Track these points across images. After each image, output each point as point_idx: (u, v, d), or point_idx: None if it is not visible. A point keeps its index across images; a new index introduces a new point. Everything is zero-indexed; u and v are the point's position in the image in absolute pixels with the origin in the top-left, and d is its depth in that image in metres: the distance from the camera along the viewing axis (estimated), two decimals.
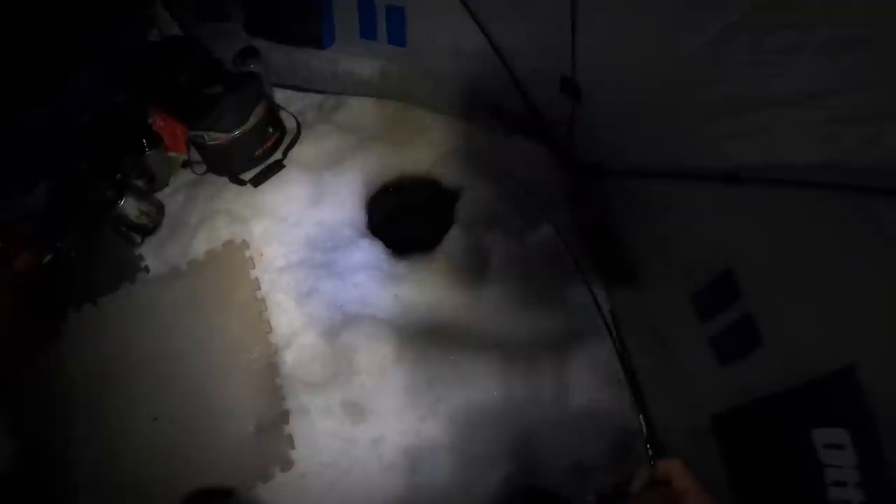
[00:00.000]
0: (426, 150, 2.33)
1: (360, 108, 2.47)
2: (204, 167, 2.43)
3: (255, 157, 2.34)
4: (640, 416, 0.85)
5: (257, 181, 2.31)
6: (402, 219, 2.33)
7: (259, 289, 2.09)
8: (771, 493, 1.12)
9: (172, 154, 2.48)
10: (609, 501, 0.76)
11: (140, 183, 2.32)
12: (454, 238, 2.11)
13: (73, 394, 2.01)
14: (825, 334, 0.98)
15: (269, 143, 2.36)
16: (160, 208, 2.37)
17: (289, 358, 1.94)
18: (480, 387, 1.81)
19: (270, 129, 2.37)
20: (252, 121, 2.26)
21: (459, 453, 1.74)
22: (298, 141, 2.43)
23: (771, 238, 1.11)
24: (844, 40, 0.80)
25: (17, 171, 2.24)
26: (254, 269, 2.13)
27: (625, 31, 1.29)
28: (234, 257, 2.16)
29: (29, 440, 1.96)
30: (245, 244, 2.17)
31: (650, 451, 0.75)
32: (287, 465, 1.79)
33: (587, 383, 1.73)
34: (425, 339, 1.91)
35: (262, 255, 2.15)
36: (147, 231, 2.31)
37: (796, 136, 0.97)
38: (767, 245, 1.12)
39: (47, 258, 2.23)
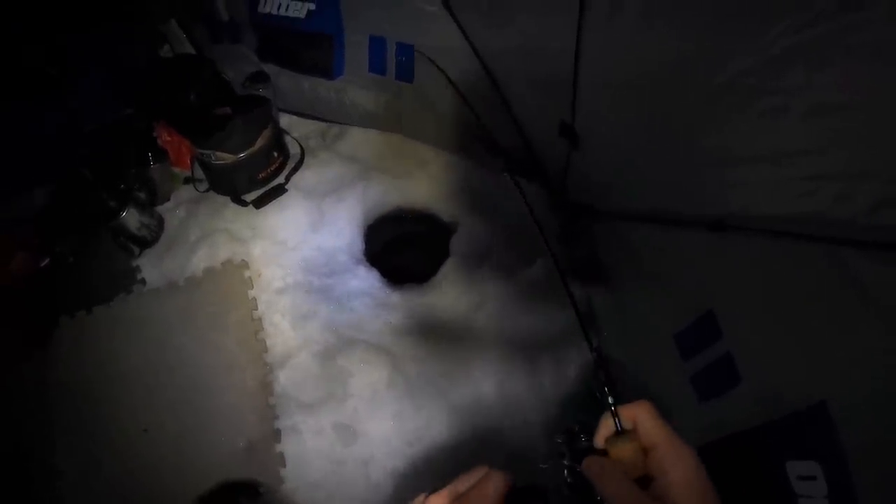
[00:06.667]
0: (424, 184, 2.41)
1: (363, 139, 2.55)
2: (206, 185, 2.47)
3: (259, 180, 2.39)
4: (594, 353, 0.70)
5: (259, 203, 2.35)
6: (399, 249, 2.38)
7: (256, 308, 2.11)
8: None
9: (176, 170, 2.52)
10: (566, 459, 0.63)
11: (142, 195, 2.35)
12: (448, 271, 2.18)
13: (61, 400, 1.99)
14: (799, 373, 1.04)
15: (273, 167, 2.42)
16: (160, 222, 2.39)
17: (283, 378, 1.96)
18: (468, 412, 1.85)
19: (275, 153, 2.43)
20: (259, 144, 2.32)
21: (445, 478, 1.76)
22: (301, 166, 2.49)
23: (751, 282, 1.17)
24: (825, 106, 0.91)
25: (17, 173, 2.25)
26: (252, 289, 2.15)
27: (624, 84, 1.40)
28: (233, 276, 2.18)
29: (12, 445, 1.92)
30: (244, 264, 2.20)
31: (609, 396, 0.58)
32: (277, 482, 1.79)
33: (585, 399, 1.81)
34: (416, 366, 1.95)
35: (260, 275, 2.18)
36: (146, 243, 2.33)
37: (777, 190, 1.05)
38: (747, 289, 1.19)
39: (44, 262, 2.23)
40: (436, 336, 2.02)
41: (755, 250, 1.15)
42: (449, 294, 2.10)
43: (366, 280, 2.18)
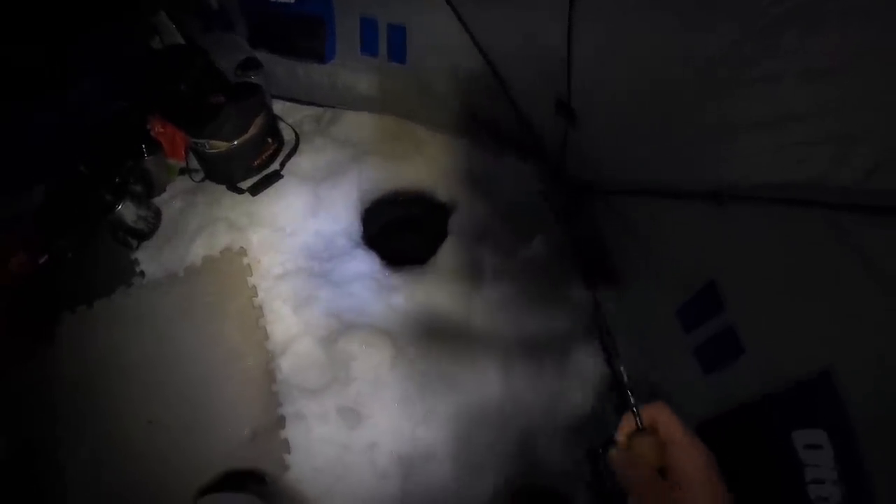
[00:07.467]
0: (421, 165, 2.38)
1: (358, 122, 2.52)
2: (202, 174, 2.45)
3: (254, 167, 2.38)
4: (621, 366, 0.77)
5: (255, 190, 2.34)
6: (397, 231, 2.37)
7: (256, 296, 2.10)
8: (754, 493, 1.16)
9: (171, 161, 2.50)
10: (598, 455, 0.74)
11: (138, 188, 2.33)
12: (447, 251, 2.16)
13: (65, 395, 1.99)
14: (803, 341, 1.02)
15: (267, 154, 2.40)
16: (157, 214, 2.39)
17: (285, 364, 1.96)
18: (474, 395, 1.84)
19: (269, 140, 2.41)
20: (252, 131, 2.30)
21: (452, 461, 1.77)
22: (296, 152, 2.47)
23: (751, 252, 1.16)
24: (817, 70, 0.88)
25: (16, 171, 2.24)
26: (251, 276, 2.15)
27: (617, 59, 1.38)
28: (233, 264, 2.17)
29: (18, 440, 1.93)
30: (243, 251, 2.19)
31: (632, 398, 0.68)
32: (282, 470, 1.79)
33: (585, 384, 1.80)
34: (420, 347, 1.95)
35: (259, 262, 2.17)
36: (144, 236, 2.33)
37: (774, 157, 1.03)
38: (748, 258, 1.17)
39: (43, 259, 2.22)
40: (437, 318, 2.02)
41: (754, 219, 1.13)
42: (448, 274, 2.09)
43: (365, 263, 2.17)
